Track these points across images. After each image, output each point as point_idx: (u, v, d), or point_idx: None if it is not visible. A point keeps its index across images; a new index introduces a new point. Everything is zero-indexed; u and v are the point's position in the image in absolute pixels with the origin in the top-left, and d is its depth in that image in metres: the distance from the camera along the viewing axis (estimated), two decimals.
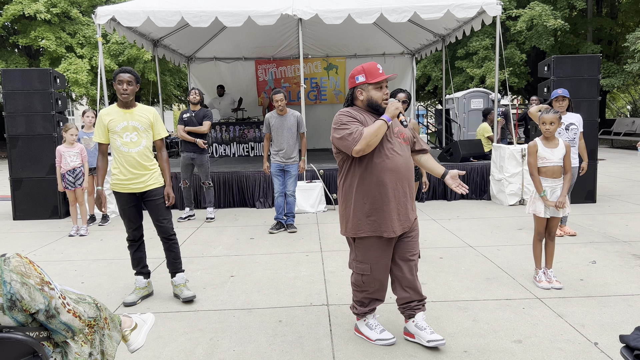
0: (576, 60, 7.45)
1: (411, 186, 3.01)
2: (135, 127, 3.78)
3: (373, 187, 2.90)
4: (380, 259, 2.98)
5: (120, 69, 3.75)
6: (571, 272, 4.42)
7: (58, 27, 18.63)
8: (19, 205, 7.45)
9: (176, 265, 4.01)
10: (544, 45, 17.47)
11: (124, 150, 3.76)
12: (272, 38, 11.97)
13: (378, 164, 2.89)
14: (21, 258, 1.55)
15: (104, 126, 3.78)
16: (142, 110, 3.86)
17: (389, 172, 2.89)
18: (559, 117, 3.96)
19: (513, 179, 7.68)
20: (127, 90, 3.73)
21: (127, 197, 3.83)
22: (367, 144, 2.81)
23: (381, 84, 2.96)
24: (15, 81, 7.28)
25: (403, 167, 2.93)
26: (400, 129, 3.01)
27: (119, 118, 3.76)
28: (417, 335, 3.05)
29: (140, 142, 3.79)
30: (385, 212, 2.90)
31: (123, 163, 3.77)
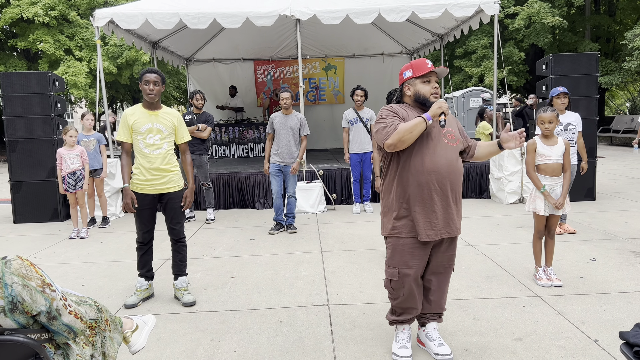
0: (574, 58, 7.46)
1: (455, 190, 2.81)
2: (159, 130, 3.77)
3: (410, 187, 2.76)
4: (412, 264, 2.80)
5: (146, 70, 3.75)
6: (571, 269, 4.43)
7: (56, 30, 18.64)
8: (19, 208, 7.45)
9: (181, 267, 4.02)
10: (542, 42, 17.49)
11: (146, 152, 3.75)
12: (271, 39, 11.98)
13: (417, 164, 2.74)
14: (22, 260, 1.56)
15: (128, 126, 3.77)
16: (167, 113, 3.85)
17: (428, 174, 2.73)
18: (557, 115, 3.97)
19: (512, 177, 7.69)
20: (154, 91, 3.72)
21: (145, 198, 3.81)
22: (400, 139, 2.67)
23: (429, 78, 2.80)
24: (14, 84, 7.28)
25: (445, 169, 2.74)
26: (449, 129, 2.83)
27: (144, 119, 3.75)
28: (427, 345, 3.00)
29: (162, 145, 3.78)
30: (420, 214, 2.76)
31: (144, 164, 3.76)
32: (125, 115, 3.79)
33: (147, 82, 3.71)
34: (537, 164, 4.05)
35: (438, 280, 2.93)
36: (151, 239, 3.97)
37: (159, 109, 3.83)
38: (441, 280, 2.93)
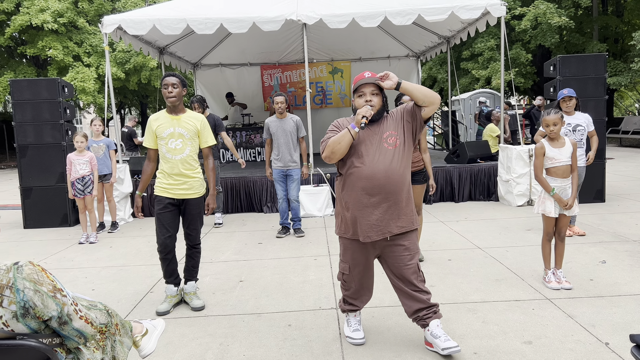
0: (582, 60, 7.43)
1: (395, 192, 2.92)
2: (181, 134, 3.77)
3: (352, 191, 2.97)
4: (357, 261, 3.07)
5: (166, 74, 3.76)
6: (581, 272, 4.40)
7: (65, 36, 18.82)
8: (29, 213, 7.52)
9: (192, 273, 4.02)
10: (549, 42, 17.41)
11: (168, 157, 3.77)
12: (277, 43, 12.03)
13: (356, 169, 2.94)
14: (34, 266, 1.58)
15: (152, 132, 3.79)
16: (190, 117, 3.85)
17: (366, 179, 2.91)
18: (561, 116, 3.95)
19: (521, 180, 7.66)
20: (173, 93, 3.71)
21: (166, 202, 3.80)
22: (331, 151, 2.92)
23: (361, 91, 2.97)
24: (24, 91, 7.36)
25: (383, 173, 2.89)
26: (389, 133, 2.96)
27: (167, 124, 3.77)
28: (434, 344, 2.98)
29: (184, 150, 3.78)
30: (360, 217, 2.95)
31: (166, 169, 3.78)
32: (150, 121, 3.82)
33: (166, 85, 3.73)
34: (548, 167, 4.03)
35: (403, 279, 3.02)
36: (173, 247, 3.85)
37: (182, 113, 3.83)
38: (405, 278, 3.01)
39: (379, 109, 2.96)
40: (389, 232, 2.95)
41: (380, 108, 2.98)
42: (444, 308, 3.70)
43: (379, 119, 3.01)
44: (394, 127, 2.98)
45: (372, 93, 2.95)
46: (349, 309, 3.26)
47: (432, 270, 4.62)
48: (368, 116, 2.83)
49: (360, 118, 2.83)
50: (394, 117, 3.03)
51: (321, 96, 13.55)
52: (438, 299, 3.88)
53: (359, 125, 2.84)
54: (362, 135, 2.97)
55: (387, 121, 3.02)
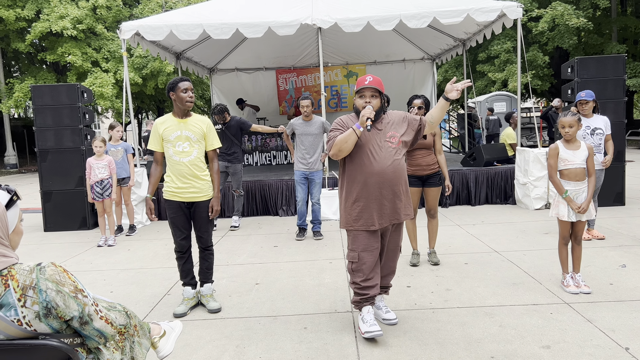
0: (601, 61, 7.34)
1: (398, 184, 3.27)
2: (188, 137, 3.81)
3: (358, 187, 3.27)
4: (368, 246, 3.29)
5: (178, 78, 3.77)
6: (600, 276, 4.34)
7: (84, 42, 19.13)
8: (49, 217, 7.65)
9: (207, 275, 4.05)
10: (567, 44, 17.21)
11: (175, 159, 3.80)
12: (292, 47, 12.09)
13: (361, 166, 3.25)
14: (56, 267, 1.61)
15: (159, 135, 3.83)
16: (197, 120, 3.89)
17: (371, 175, 3.23)
18: (578, 119, 3.90)
19: (538, 183, 7.58)
20: (193, 98, 3.80)
21: (178, 206, 3.85)
22: (339, 149, 3.20)
23: (362, 92, 3.26)
24: (44, 97, 7.50)
25: (391, 169, 3.24)
26: (392, 134, 3.29)
27: (174, 127, 3.81)
28: (375, 313, 3.59)
29: (191, 152, 3.82)
30: (372, 209, 3.26)
31: (174, 172, 3.82)
32: (156, 125, 3.86)
33: (186, 90, 3.76)
34: (560, 169, 3.99)
35: (386, 259, 3.51)
36: (189, 246, 3.96)
37: (189, 117, 3.87)
38: (393, 257, 3.52)
39: (377, 109, 3.26)
40: (396, 220, 3.33)
41: (378, 109, 3.28)
42: (460, 312, 3.68)
43: (378, 119, 3.33)
44: (395, 129, 3.33)
45: (371, 95, 3.26)
46: (360, 299, 3.38)
47: (449, 274, 4.59)
48: (372, 118, 3.13)
49: (365, 120, 3.11)
50: (395, 121, 3.37)
51: (336, 100, 13.57)
52: (454, 303, 3.86)
53: (364, 125, 3.13)
54: (368, 135, 3.27)
55: (388, 122, 3.36)
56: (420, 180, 4.83)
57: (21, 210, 1.70)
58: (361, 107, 3.24)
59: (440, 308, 3.78)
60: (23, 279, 1.55)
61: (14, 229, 1.64)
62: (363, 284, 3.33)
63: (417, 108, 4.75)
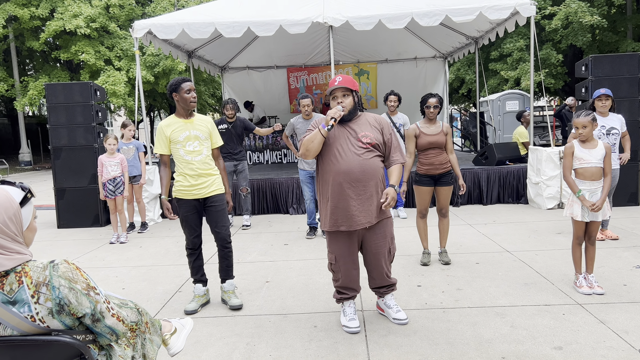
0: (615, 59, 7.24)
1: (368, 184, 3.20)
2: (197, 136, 3.85)
3: (330, 186, 3.25)
4: (343, 249, 3.32)
5: (180, 79, 3.78)
6: (614, 277, 4.29)
7: (97, 41, 19.29)
8: (62, 214, 7.73)
9: (228, 272, 4.06)
10: (581, 42, 17.01)
11: (187, 159, 3.83)
12: (303, 46, 12.08)
13: (329, 165, 3.24)
14: (69, 264, 1.63)
15: (165, 138, 3.84)
16: (201, 120, 3.94)
17: (341, 174, 3.18)
18: (592, 119, 3.84)
19: (551, 182, 7.51)
20: (195, 97, 3.84)
21: (190, 204, 3.88)
22: (306, 148, 3.22)
23: (334, 94, 3.26)
24: (58, 95, 7.58)
25: (357, 168, 3.17)
26: (365, 134, 3.23)
27: (181, 128, 3.83)
28: (386, 311, 3.58)
29: (202, 151, 3.87)
30: (340, 208, 3.22)
31: (187, 171, 3.84)
32: (161, 127, 3.86)
33: (189, 91, 3.78)
34: (575, 167, 3.94)
35: (373, 261, 3.39)
36: (200, 243, 4.00)
37: (193, 117, 3.90)
38: (375, 260, 3.39)
39: (350, 109, 3.24)
40: (367, 222, 3.24)
41: (352, 108, 3.26)
42: (471, 312, 3.66)
43: (353, 118, 3.31)
44: (370, 131, 3.27)
45: (343, 95, 3.26)
46: (340, 297, 3.49)
47: (460, 274, 4.57)
48: (337, 117, 3.14)
49: (329, 119, 3.13)
50: (372, 124, 3.32)
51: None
52: (465, 303, 3.84)
53: (327, 125, 3.15)
54: (338, 134, 3.26)
55: (363, 122, 3.32)
56: (432, 180, 4.81)
57: (35, 208, 1.72)
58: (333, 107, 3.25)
59: (451, 308, 3.76)
60: (36, 276, 1.57)
61: (28, 226, 1.65)
62: (339, 287, 3.44)
63: (433, 107, 4.72)
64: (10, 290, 1.54)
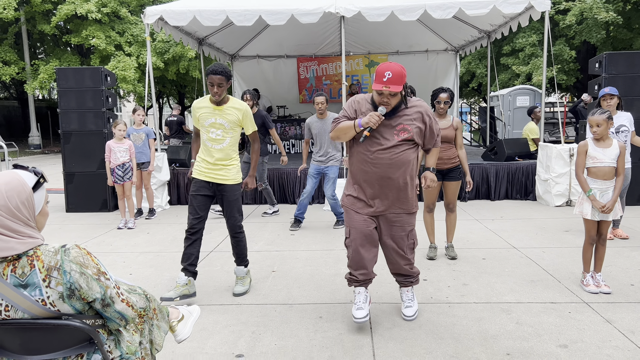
0: (630, 57, 7.15)
1: (396, 178, 3.20)
2: (222, 125, 3.84)
3: (358, 172, 3.29)
4: (357, 224, 3.29)
5: (212, 69, 3.69)
6: (621, 276, 4.27)
7: (108, 26, 19.29)
8: (71, 198, 7.78)
9: (240, 258, 4.07)
10: (595, 39, 16.80)
11: (208, 145, 3.87)
12: (314, 36, 12.02)
13: (362, 153, 3.24)
14: (80, 249, 1.64)
15: (196, 117, 3.92)
16: (233, 107, 3.86)
17: (370, 164, 3.21)
18: (607, 117, 3.79)
19: (560, 179, 7.46)
20: (218, 92, 3.73)
21: (202, 184, 3.91)
22: (337, 136, 3.29)
23: (381, 91, 3.12)
24: (69, 79, 7.60)
25: (386, 161, 3.18)
26: (403, 126, 3.20)
27: (209, 114, 3.84)
28: (401, 304, 3.55)
29: (224, 140, 3.86)
30: (363, 194, 3.28)
31: (205, 156, 3.90)
32: (194, 107, 3.93)
33: (212, 84, 3.71)
34: (588, 166, 3.90)
35: (390, 249, 3.36)
36: (200, 229, 3.92)
37: (225, 103, 3.86)
38: (392, 251, 3.36)
39: (394, 106, 3.17)
40: (388, 209, 3.28)
41: (397, 104, 3.19)
42: (477, 307, 3.66)
43: (394, 112, 3.22)
44: (408, 123, 3.22)
45: (390, 94, 3.11)
46: (350, 279, 3.43)
47: (466, 269, 4.56)
48: (374, 127, 3.11)
49: (366, 127, 3.11)
50: (412, 116, 3.23)
51: (357, 89, 13.48)
52: (471, 298, 3.84)
53: (365, 127, 3.12)
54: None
55: (403, 114, 3.23)
56: (440, 174, 4.79)
57: (47, 192, 1.73)
58: (378, 103, 3.13)
59: (456, 303, 3.76)
60: (48, 260, 1.58)
61: (40, 211, 1.66)
62: (349, 265, 3.39)
63: (444, 103, 4.68)
64: (22, 273, 1.55)
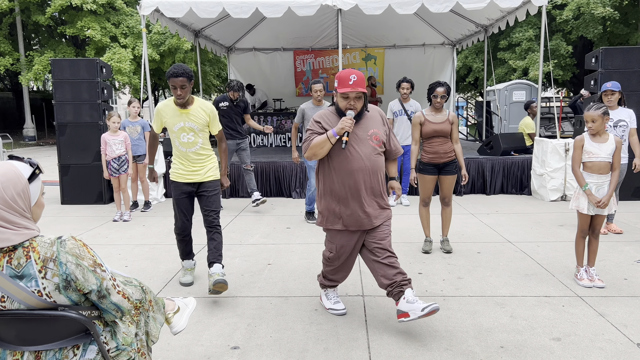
0: (626, 52, 7.17)
1: (376, 185, 3.18)
2: (192, 128, 3.82)
3: (335, 186, 3.17)
4: (346, 247, 3.27)
5: (172, 72, 3.60)
6: (615, 270, 4.30)
7: (103, 17, 19.16)
8: (66, 190, 7.76)
9: (216, 255, 3.93)
10: (592, 34, 16.83)
11: (182, 150, 3.86)
12: (311, 29, 11.98)
13: (340, 165, 3.14)
14: (76, 241, 1.64)
15: (160, 120, 3.88)
16: (199, 108, 3.83)
17: (352, 174, 3.11)
18: (604, 112, 3.80)
19: (555, 174, 7.49)
20: (181, 95, 3.68)
21: (184, 187, 3.91)
22: (313, 153, 3.13)
23: (347, 95, 3.08)
24: (64, 71, 7.55)
25: (370, 168, 3.13)
26: (374, 131, 3.17)
27: (176, 119, 3.80)
28: (411, 310, 2.97)
29: (196, 142, 3.86)
30: (350, 209, 3.16)
31: (182, 159, 3.89)
32: (159, 110, 3.85)
33: (174, 87, 3.65)
34: (584, 161, 3.92)
35: (383, 250, 3.20)
36: (189, 228, 4.03)
37: (190, 105, 3.81)
38: (385, 248, 3.20)
39: (359, 110, 3.15)
40: (376, 221, 3.20)
41: (361, 109, 3.16)
42: (471, 300, 3.68)
43: (360, 118, 3.19)
44: (378, 127, 3.21)
45: (356, 97, 3.10)
46: (328, 284, 3.54)
47: (461, 263, 4.58)
48: (350, 131, 3.04)
49: (343, 134, 3.02)
50: (377, 119, 3.25)
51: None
52: (465, 292, 3.86)
53: (340, 134, 3.03)
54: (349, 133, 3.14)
55: (370, 119, 3.22)
56: (436, 168, 4.80)
57: (43, 184, 1.73)
58: (344, 109, 3.11)
59: (451, 296, 3.78)
60: (44, 251, 1.58)
61: (36, 202, 1.66)
62: (331, 276, 3.47)
63: (440, 97, 4.68)
64: (18, 264, 1.55)
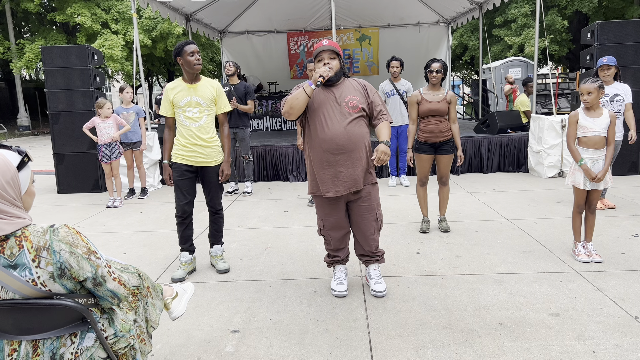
0: (622, 26, 7.10)
1: (354, 150, 3.19)
2: (198, 103, 3.80)
3: (318, 152, 3.22)
4: (329, 215, 3.35)
5: (184, 43, 3.71)
6: (612, 245, 4.32)
7: (93, 3, 18.89)
8: (62, 179, 7.72)
9: (217, 237, 4.10)
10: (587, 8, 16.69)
11: (185, 124, 3.81)
12: (304, 9, 11.84)
13: (316, 132, 3.20)
14: (69, 229, 1.62)
15: (169, 101, 3.83)
16: (206, 84, 3.85)
17: (327, 141, 3.16)
18: (598, 86, 3.78)
19: (552, 151, 7.48)
20: (200, 60, 3.75)
21: (184, 168, 3.86)
22: (290, 106, 3.12)
23: (321, 56, 3.19)
24: (55, 58, 7.45)
25: (343, 135, 3.15)
26: (351, 97, 3.20)
27: (184, 93, 3.79)
28: (369, 282, 3.52)
29: (201, 118, 3.82)
30: (324, 174, 3.22)
31: (184, 136, 3.83)
32: (167, 90, 3.84)
33: (192, 53, 3.71)
34: (579, 136, 3.90)
35: (359, 227, 3.38)
36: (190, 212, 3.95)
37: (199, 81, 3.84)
38: (362, 227, 3.37)
39: (336, 71, 3.19)
40: (354, 187, 3.23)
41: (338, 71, 3.21)
42: (469, 278, 3.69)
43: (338, 82, 3.26)
44: (356, 94, 3.24)
45: (330, 57, 3.19)
46: (331, 261, 3.57)
47: (459, 241, 4.59)
48: (325, 76, 3.06)
49: (318, 77, 3.05)
50: (356, 87, 3.29)
51: (348, 64, 13.35)
52: (464, 270, 3.87)
53: (315, 83, 3.05)
54: (323, 99, 3.21)
55: (347, 86, 3.26)
56: (432, 148, 4.78)
57: (33, 172, 1.70)
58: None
59: (449, 274, 3.79)
60: (37, 240, 1.56)
61: (26, 190, 1.64)
62: (330, 249, 3.51)
63: (436, 72, 4.65)
64: (11, 254, 1.54)
